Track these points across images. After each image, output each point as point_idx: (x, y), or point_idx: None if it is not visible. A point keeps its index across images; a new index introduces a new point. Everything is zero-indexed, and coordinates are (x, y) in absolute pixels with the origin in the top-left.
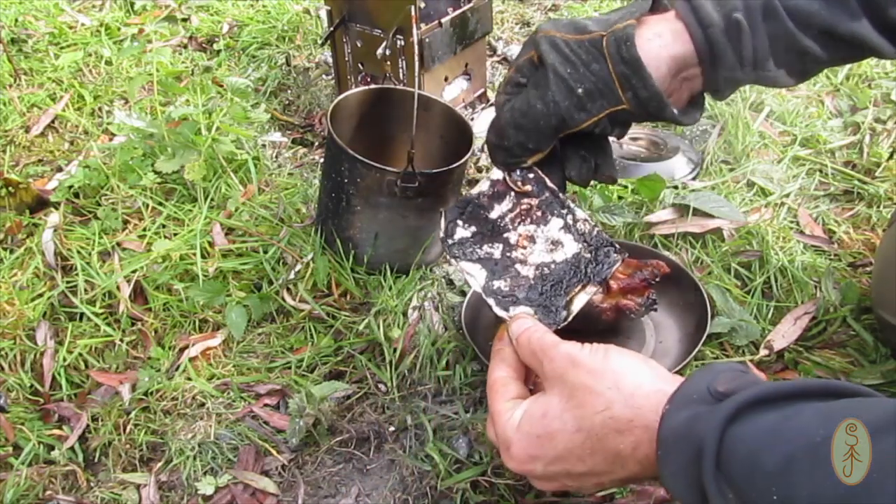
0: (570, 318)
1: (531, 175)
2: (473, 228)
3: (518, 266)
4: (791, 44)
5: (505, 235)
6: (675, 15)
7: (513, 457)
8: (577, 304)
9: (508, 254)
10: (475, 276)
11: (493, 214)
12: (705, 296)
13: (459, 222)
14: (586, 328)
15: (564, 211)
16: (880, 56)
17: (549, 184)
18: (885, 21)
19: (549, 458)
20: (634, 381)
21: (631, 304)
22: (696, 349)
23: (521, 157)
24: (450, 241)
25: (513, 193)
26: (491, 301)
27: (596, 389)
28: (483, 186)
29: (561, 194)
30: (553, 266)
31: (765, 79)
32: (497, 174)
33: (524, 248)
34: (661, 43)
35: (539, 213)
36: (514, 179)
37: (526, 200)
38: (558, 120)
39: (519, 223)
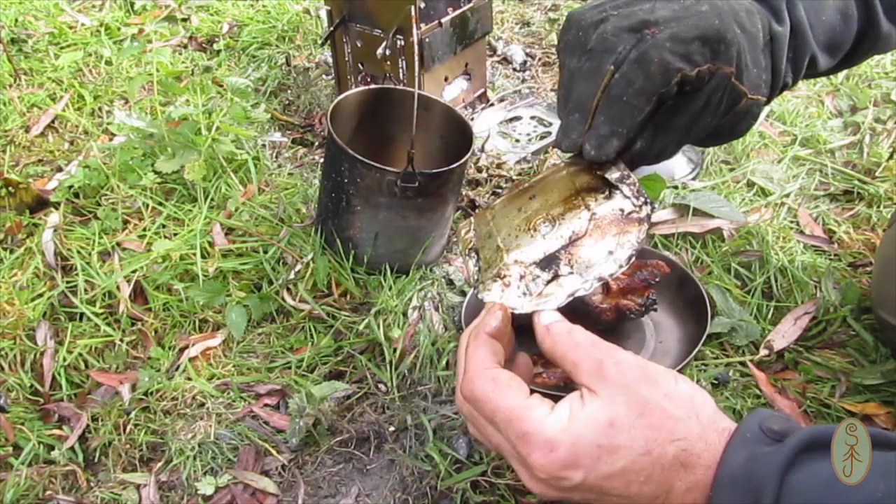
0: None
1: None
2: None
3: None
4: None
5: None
6: None
7: (553, 460)
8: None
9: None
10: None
11: None
12: (705, 296)
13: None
14: (587, 328)
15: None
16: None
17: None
18: None
19: (598, 472)
20: (708, 414)
21: (631, 305)
22: (696, 349)
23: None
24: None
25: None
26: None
27: (675, 415)
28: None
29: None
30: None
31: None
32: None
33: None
34: None
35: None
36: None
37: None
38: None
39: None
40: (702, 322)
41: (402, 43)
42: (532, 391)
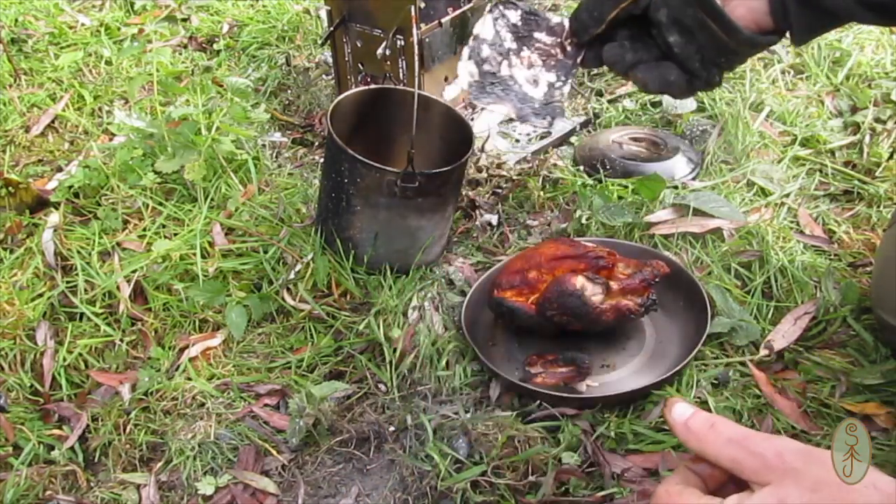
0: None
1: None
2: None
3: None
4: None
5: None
6: None
7: None
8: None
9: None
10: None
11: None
12: (705, 296)
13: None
14: (587, 328)
15: (563, 76)
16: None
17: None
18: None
19: None
20: (887, 482)
21: (631, 305)
22: (696, 349)
23: (588, 28)
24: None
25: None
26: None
27: (851, 487)
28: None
29: (571, 60)
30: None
31: (833, 2)
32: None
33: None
34: None
35: (550, 62)
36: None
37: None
38: None
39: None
40: (701, 322)
41: (402, 43)
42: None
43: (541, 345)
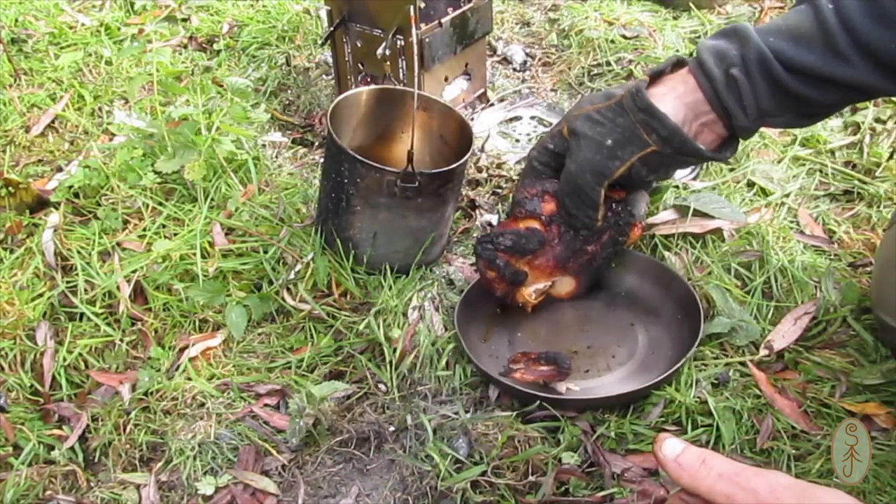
0: None
1: None
2: None
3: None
4: (791, 93)
5: None
6: (687, 70)
7: None
8: None
9: None
10: None
11: None
12: (698, 301)
13: None
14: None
15: None
16: (888, 95)
17: None
18: (886, 64)
19: None
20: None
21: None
22: (684, 360)
23: (587, 217)
24: None
25: None
26: None
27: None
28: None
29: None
30: None
31: (774, 125)
32: None
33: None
34: (675, 94)
35: None
36: None
37: None
38: (594, 173)
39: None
40: (694, 328)
41: (402, 43)
42: None
43: (533, 345)
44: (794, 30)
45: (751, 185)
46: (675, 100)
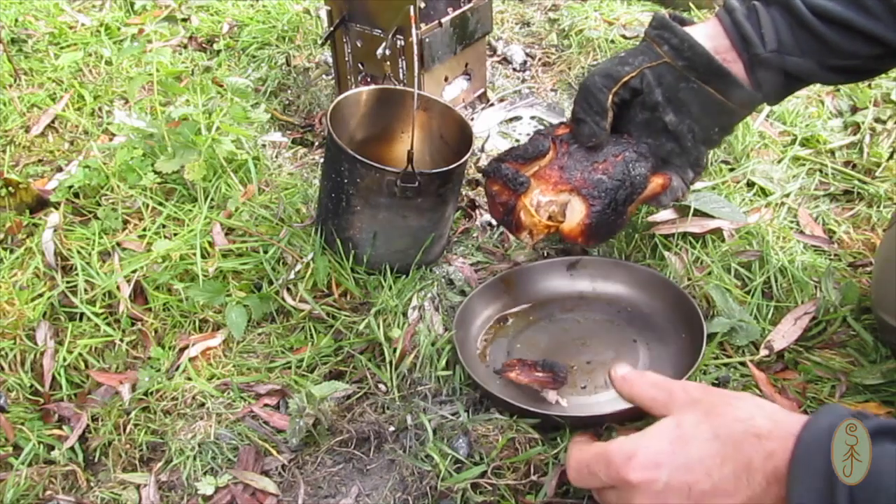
0: None
1: None
2: None
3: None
4: (812, 32)
5: None
6: (714, 15)
7: (635, 466)
8: None
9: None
10: None
11: None
12: (703, 321)
13: None
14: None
15: None
16: None
17: None
18: None
19: (676, 464)
20: (772, 406)
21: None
22: (691, 371)
23: (595, 124)
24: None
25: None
26: None
27: (737, 404)
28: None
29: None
30: None
31: (799, 73)
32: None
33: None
34: (696, 30)
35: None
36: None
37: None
38: (603, 75)
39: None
40: (697, 336)
41: (402, 43)
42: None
43: (531, 356)
44: None
45: (751, 185)
46: (695, 31)
